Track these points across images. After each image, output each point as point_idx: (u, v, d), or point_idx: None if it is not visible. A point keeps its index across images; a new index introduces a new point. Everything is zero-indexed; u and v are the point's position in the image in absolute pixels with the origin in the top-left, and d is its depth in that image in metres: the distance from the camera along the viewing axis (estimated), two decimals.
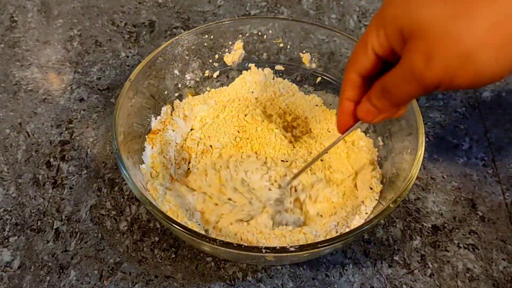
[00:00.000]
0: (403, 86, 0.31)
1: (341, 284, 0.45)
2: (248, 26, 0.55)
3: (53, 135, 0.57)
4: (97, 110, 0.60)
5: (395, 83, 0.31)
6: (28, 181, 0.53)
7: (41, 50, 0.67)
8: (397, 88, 0.31)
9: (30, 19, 0.72)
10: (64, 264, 0.46)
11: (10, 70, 0.64)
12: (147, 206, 0.39)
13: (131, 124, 0.48)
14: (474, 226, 0.49)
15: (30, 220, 0.49)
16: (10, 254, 0.47)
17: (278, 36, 0.56)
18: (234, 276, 0.46)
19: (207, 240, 0.37)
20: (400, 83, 0.31)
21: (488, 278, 0.46)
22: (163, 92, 0.53)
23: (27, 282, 0.45)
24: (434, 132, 0.57)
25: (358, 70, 0.34)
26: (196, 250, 0.47)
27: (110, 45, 0.68)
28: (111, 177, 0.53)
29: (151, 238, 0.48)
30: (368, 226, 0.38)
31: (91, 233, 0.49)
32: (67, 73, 0.64)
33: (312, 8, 0.74)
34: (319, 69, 0.56)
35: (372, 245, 0.48)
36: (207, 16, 0.72)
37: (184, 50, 0.54)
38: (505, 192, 0.52)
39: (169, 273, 0.46)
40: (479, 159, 0.55)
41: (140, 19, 0.72)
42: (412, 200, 0.51)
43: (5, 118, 0.59)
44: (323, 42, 0.55)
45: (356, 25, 0.71)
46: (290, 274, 0.46)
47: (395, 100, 0.33)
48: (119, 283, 0.45)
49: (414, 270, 0.46)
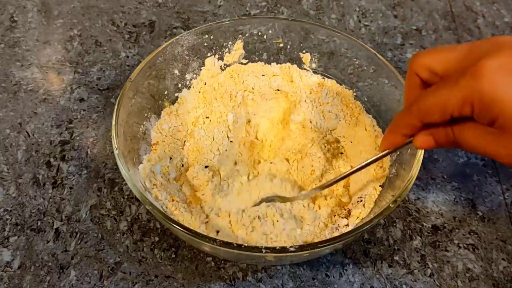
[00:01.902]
0: (490, 151, 0.31)
1: (341, 284, 0.45)
2: (248, 26, 0.55)
3: (53, 135, 0.57)
4: (97, 110, 0.60)
5: (480, 147, 0.32)
6: (28, 181, 0.53)
7: (41, 50, 0.67)
8: (481, 150, 0.32)
9: (30, 19, 0.72)
10: (64, 264, 0.46)
11: (10, 70, 0.64)
12: (147, 206, 0.39)
13: (131, 124, 0.48)
14: (474, 226, 0.49)
15: (30, 220, 0.49)
16: (10, 254, 0.47)
17: (278, 36, 0.56)
18: (234, 276, 0.46)
19: (207, 240, 0.37)
20: (491, 150, 0.31)
21: (488, 278, 0.46)
22: (163, 92, 0.53)
23: (27, 282, 0.45)
24: None
25: (426, 122, 0.34)
26: (196, 250, 0.47)
27: (110, 45, 0.68)
28: (111, 177, 0.53)
29: (151, 238, 0.48)
30: (368, 226, 0.38)
31: (91, 233, 0.49)
32: (67, 73, 0.64)
33: (312, 8, 0.74)
34: (319, 69, 0.56)
35: (372, 245, 0.48)
36: (207, 16, 0.72)
37: (184, 50, 0.54)
38: (505, 192, 0.52)
39: (169, 273, 0.46)
40: (479, 159, 0.55)
41: (140, 19, 0.72)
42: (412, 200, 0.51)
43: (5, 118, 0.59)
44: (323, 42, 0.55)
45: (356, 25, 0.71)
46: (290, 274, 0.46)
47: (464, 148, 0.33)
48: (119, 283, 0.45)
49: (414, 270, 0.46)
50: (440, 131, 0.34)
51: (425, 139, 0.35)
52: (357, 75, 0.54)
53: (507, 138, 0.29)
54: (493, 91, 0.28)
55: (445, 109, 0.31)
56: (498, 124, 0.29)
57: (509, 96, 0.28)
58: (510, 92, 0.28)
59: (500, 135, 0.30)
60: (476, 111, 0.30)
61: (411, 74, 0.35)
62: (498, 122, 0.29)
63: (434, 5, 0.75)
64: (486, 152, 0.31)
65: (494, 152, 0.31)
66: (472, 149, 0.32)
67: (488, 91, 0.28)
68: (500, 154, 0.31)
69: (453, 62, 0.32)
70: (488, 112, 0.29)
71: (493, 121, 0.29)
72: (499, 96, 0.28)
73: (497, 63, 0.29)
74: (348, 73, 0.54)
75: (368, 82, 0.53)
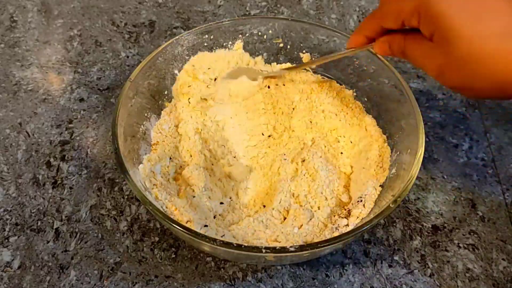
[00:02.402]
0: (422, 63, 0.36)
1: (341, 284, 0.45)
2: (248, 26, 0.55)
3: (53, 135, 0.57)
4: (97, 110, 0.60)
5: (417, 58, 0.37)
6: (28, 181, 0.53)
7: (41, 50, 0.67)
8: (417, 62, 0.37)
9: (30, 19, 0.72)
10: (64, 264, 0.46)
11: (10, 70, 0.64)
12: (147, 206, 0.39)
13: (131, 124, 0.48)
14: (474, 226, 0.49)
15: (30, 220, 0.49)
16: (10, 254, 0.47)
17: (278, 36, 0.56)
18: (234, 276, 0.46)
19: (207, 240, 0.37)
20: (423, 62, 0.36)
21: (488, 278, 0.46)
22: (163, 92, 0.53)
23: (27, 282, 0.45)
24: (434, 132, 0.57)
25: (383, 26, 0.39)
26: (196, 250, 0.47)
27: (110, 45, 0.68)
28: (111, 177, 0.53)
29: (151, 238, 0.48)
30: (368, 226, 0.38)
31: (91, 233, 0.49)
32: (67, 73, 0.64)
33: (312, 8, 0.74)
34: (319, 69, 0.56)
35: (372, 245, 0.48)
36: (207, 16, 0.72)
37: (184, 50, 0.54)
38: (505, 192, 0.52)
39: (169, 273, 0.46)
40: (479, 159, 0.55)
41: (140, 19, 0.72)
42: (412, 200, 0.51)
43: (5, 118, 0.59)
44: (323, 42, 0.55)
45: (356, 25, 0.71)
46: (290, 274, 0.46)
47: (410, 59, 0.38)
48: (119, 283, 0.45)
49: (414, 270, 0.46)
50: (395, 39, 0.39)
51: (382, 45, 0.41)
52: (357, 75, 0.54)
53: (438, 50, 0.34)
54: (437, 5, 0.33)
55: (399, 15, 0.36)
56: (435, 37, 0.34)
57: (448, 13, 0.32)
58: (449, 9, 0.32)
59: (434, 48, 0.34)
60: (421, 22, 0.34)
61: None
62: (435, 35, 0.33)
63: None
64: (422, 64, 0.36)
65: (427, 63, 0.36)
66: (413, 60, 0.38)
67: (433, 5, 0.33)
68: (430, 66, 0.35)
69: None
70: (430, 24, 0.33)
71: (432, 33, 0.34)
72: (441, 11, 0.32)
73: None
74: (348, 73, 0.54)
75: (368, 82, 0.53)
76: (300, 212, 0.45)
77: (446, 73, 0.35)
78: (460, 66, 0.33)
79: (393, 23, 0.38)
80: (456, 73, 0.34)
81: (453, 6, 0.32)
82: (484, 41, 0.32)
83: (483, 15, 0.32)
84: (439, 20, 0.33)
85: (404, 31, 0.39)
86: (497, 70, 0.32)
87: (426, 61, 0.36)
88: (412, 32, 0.37)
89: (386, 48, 0.40)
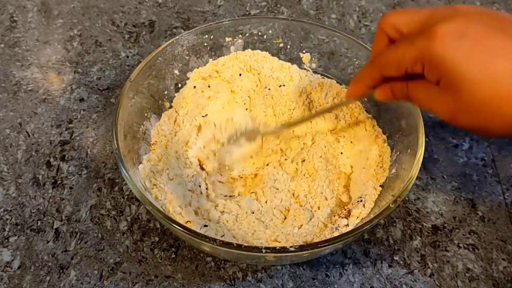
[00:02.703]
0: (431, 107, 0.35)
1: (341, 284, 0.45)
2: (248, 26, 0.55)
3: (53, 135, 0.57)
4: (97, 110, 0.60)
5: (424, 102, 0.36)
6: (28, 181, 0.53)
7: (41, 50, 0.67)
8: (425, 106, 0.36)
9: (30, 19, 0.72)
10: (64, 264, 0.46)
11: (10, 70, 0.64)
12: (147, 206, 0.39)
13: (131, 124, 0.48)
14: (474, 226, 0.49)
15: (30, 220, 0.49)
16: (10, 254, 0.47)
17: (278, 36, 0.56)
18: (234, 276, 0.46)
19: (207, 240, 0.37)
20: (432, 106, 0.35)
21: (488, 278, 0.46)
22: (163, 92, 0.53)
23: (27, 282, 0.45)
24: (434, 132, 0.57)
25: (384, 75, 0.38)
26: (196, 250, 0.47)
27: (110, 45, 0.68)
28: (111, 177, 0.53)
29: (151, 238, 0.48)
30: (368, 226, 0.38)
31: (91, 233, 0.49)
32: (67, 73, 0.64)
33: (312, 8, 0.74)
34: (319, 69, 0.56)
35: (372, 245, 0.48)
36: (207, 16, 0.72)
37: (184, 50, 0.54)
38: (505, 192, 0.52)
39: (169, 273, 0.46)
40: (479, 159, 0.55)
41: (140, 19, 0.72)
42: (412, 200, 0.51)
43: (5, 118, 0.59)
44: (323, 42, 0.55)
45: (356, 25, 0.71)
46: (290, 274, 0.46)
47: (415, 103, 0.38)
48: (119, 283, 0.45)
49: (414, 270, 0.46)
50: (397, 85, 0.37)
51: (384, 92, 0.39)
52: None
53: (448, 96, 0.33)
54: (441, 52, 0.31)
55: (401, 64, 0.35)
56: (443, 83, 0.33)
57: (454, 58, 0.31)
58: (455, 55, 0.31)
59: (443, 93, 0.33)
60: (426, 69, 0.33)
61: (380, 31, 0.39)
62: (442, 81, 0.32)
63: (434, 5, 0.75)
64: (430, 107, 0.35)
65: (436, 108, 0.35)
66: (420, 104, 0.37)
67: (437, 52, 0.32)
68: (441, 110, 0.34)
69: (417, 23, 0.36)
70: (435, 70, 0.32)
71: (439, 79, 0.33)
72: (446, 57, 0.31)
73: (450, 28, 0.32)
74: (348, 73, 0.54)
75: None
76: (300, 212, 0.45)
77: (458, 117, 0.33)
78: (474, 110, 0.32)
79: (395, 72, 0.36)
80: (469, 118, 0.33)
81: (459, 50, 0.31)
82: (496, 84, 0.30)
83: (492, 57, 0.31)
84: (446, 65, 0.31)
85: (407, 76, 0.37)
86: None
87: (435, 106, 0.34)
88: (415, 76, 0.35)
89: (389, 94, 0.39)
